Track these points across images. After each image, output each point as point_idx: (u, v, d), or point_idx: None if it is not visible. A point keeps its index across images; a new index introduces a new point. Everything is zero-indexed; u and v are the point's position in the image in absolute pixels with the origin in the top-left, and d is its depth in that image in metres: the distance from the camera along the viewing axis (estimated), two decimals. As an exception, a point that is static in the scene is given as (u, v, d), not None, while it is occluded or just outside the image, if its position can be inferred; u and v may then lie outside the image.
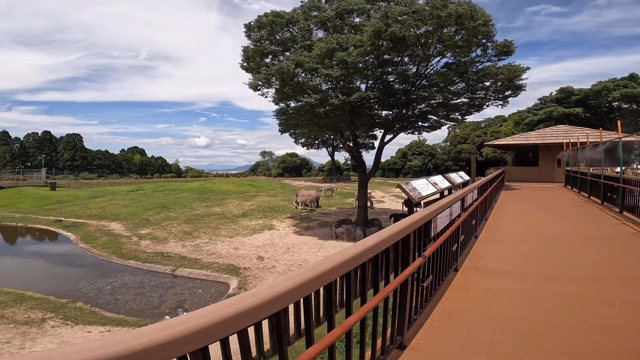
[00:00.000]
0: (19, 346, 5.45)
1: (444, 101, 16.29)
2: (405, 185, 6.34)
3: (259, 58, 13.13)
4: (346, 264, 1.68)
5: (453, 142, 58.18)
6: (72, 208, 25.30)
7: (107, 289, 9.27)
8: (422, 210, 3.14)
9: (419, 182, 6.97)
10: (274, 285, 1.22)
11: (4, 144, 64.33)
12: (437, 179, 8.03)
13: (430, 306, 3.22)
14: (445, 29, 12.59)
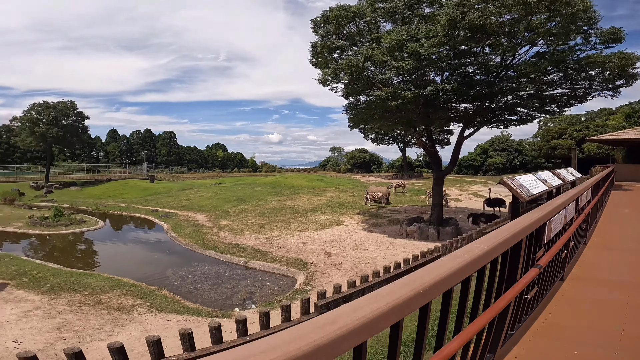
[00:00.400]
0: (108, 332, 6.12)
1: (537, 92, 14.46)
2: (510, 181, 5.63)
3: (327, 53, 13.06)
4: (449, 279, 1.28)
5: (545, 137, 51.71)
6: (166, 199, 28.48)
7: (189, 277, 10.10)
8: (535, 211, 2.66)
9: (525, 177, 6.16)
10: (357, 309, 0.93)
11: (114, 141, 75.28)
12: (545, 175, 7.05)
13: (530, 320, 2.76)
14: (534, 17, 11.08)
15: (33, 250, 13.69)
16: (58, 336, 5.86)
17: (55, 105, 37.18)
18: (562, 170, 7.66)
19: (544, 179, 6.84)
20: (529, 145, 62.16)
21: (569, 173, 7.82)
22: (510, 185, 5.57)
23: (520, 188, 5.69)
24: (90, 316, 6.80)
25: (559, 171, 7.51)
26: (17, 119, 36.87)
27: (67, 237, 16.30)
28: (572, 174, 7.95)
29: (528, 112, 16.20)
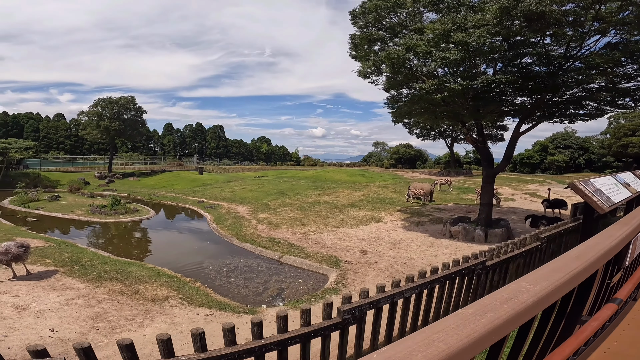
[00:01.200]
0: (139, 324, 6.29)
1: (609, 85, 12.78)
2: (583, 185, 4.58)
3: (367, 45, 12.49)
4: (509, 323, 0.92)
5: (616, 134, 46.27)
6: (212, 190, 29.69)
7: (224, 270, 10.26)
8: (618, 226, 2.10)
9: (603, 180, 4.99)
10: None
11: (169, 134, 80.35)
12: (626, 177, 5.77)
13: (589, 349, 2.21)
14: (603, 6, 9.63)
15: (88, 238, 14.84)
16: (92, 326, 6.13)
17: (117, 100, 40.28)
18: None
19: (625, 182, 5.47)
20: (596, 142, 56.15)
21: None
22: (583, 190, 4.46)
23: (597, 195, 4.50)
24: (126, 306, 7.07)
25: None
26: (83, 114, 40.45)
27: (121, 225, 17.53)
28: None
29: (598, 106, 14.39)
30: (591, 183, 4.89)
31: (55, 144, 65.15)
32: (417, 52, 10.83)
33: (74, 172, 42.36)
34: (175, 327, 6.31)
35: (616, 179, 5.44)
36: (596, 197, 4.53)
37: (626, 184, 5.41)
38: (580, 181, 4.83)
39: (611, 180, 5.35)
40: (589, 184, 4.87)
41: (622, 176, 5.77)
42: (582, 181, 4.87)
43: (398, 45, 11.35)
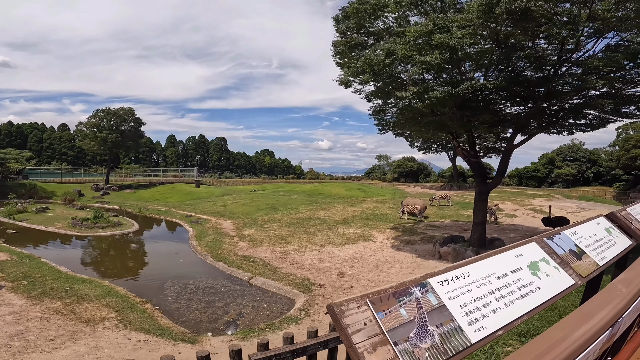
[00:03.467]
0: (56, 345, 5.65)
1: (612, 91, 11.88)
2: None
3: (348, 51, 11.82)
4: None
5: (625, 146, 44.85)
6: (204, 204, 29.00)
7: (186, 292, 9.43)
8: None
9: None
10: None
11: (171, 146, 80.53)
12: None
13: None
14: (597, 4, 8.87)
15: (56, 251, 14.13)
16: (6, 344, 5.50)
17: (116, 111, 40.27)
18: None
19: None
20: (605, 154, 54.61)
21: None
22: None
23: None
24: (54, 326, 6.40)
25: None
26: (82, 124, 40.45)
27: (98, 239, 16.81)
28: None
29: (599, 115, 13.45)
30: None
31: (58, 154, 65.61)
32: (398, 57, 10.09)
33: (73, 183, 42.20)
34: (96, 352, 5.51)
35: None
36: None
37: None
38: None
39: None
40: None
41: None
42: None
43: (378, 50, 10.64)
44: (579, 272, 2.27)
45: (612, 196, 43.98)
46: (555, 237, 2.51)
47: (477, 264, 1.72)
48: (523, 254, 2.37)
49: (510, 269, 2.44)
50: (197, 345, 6.09)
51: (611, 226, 3.82)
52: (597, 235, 3.16)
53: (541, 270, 2.33)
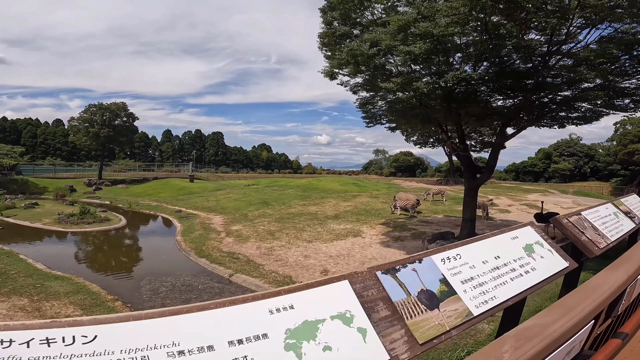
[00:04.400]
0: None
1: (605, 83, 11.54)
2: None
3: (333, 42, 11.45)
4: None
5: (622, 141, 44.55)
6: (195, 199, 28.67)
7: (162, 290, 9.16)
8: (612, 270, 1.91)
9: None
10: None
11: (167, 141, 79.99)
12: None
13: None
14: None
15: (37, 248, 13.85)
16: None
17: (108, 106, 39.79)
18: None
19: (628, 210, 4.39)
20: (602, 150, 54.32)
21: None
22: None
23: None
24: None
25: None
26: (74, 120, 39.97)
27: (82, 235, 16.52)
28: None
29: (592, 107, 13.13)
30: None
31: (52, 150, 65.11)
32: (383, 48, 9.73)
33: (67, 178, 41.77)
34: None
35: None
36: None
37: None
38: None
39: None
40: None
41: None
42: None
43: (363, 41, 10.27)
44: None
45: (609, 191, 43.81)
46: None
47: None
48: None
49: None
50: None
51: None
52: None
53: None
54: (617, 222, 3.98)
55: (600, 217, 3.93)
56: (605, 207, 4.18)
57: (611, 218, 3.97)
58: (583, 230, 3.57)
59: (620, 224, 3.96)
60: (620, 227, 3.91)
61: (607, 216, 3.94)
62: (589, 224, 3.72)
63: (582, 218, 3.73)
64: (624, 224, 4.02)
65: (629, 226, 4.06)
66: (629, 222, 4.14)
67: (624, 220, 4.13)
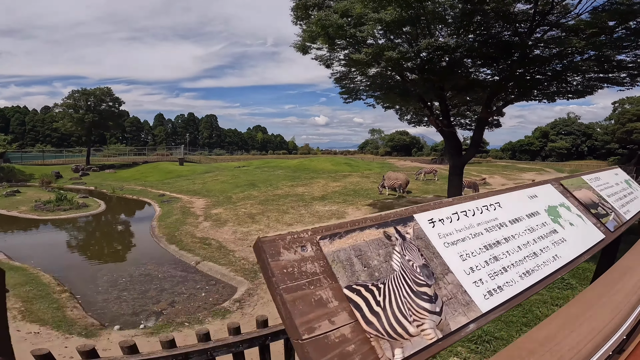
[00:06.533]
0: None
1: (599, 55, 10.76)
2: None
3: (304, 15, 10.54)
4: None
5: (620, 119, 43.64)
6: (182, 183, 28.08)
7: (122, 282, 8.68)
8: None
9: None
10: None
11: (160, 125, 78.70)
12: None
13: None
14: None
15: (5, 237, 13.34)
16: None
17: (93, 91, 38.62)
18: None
19: None
20: (600, 128, 53.45)
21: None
22: None
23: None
24: None
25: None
26: (58, 106, 38.89)
27: (56, 222, 16.00)
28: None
29: (584, 81, 12.36)
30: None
31: (41, 137, 63.97)
32: (354, 16, 8.88)
33: (55, 165, 41.01)
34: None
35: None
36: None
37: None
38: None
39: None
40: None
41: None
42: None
43: (334, 11, 9.39)
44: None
45: (605, 168, 43.26)
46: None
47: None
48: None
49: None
50: (92, 339, 5.38)
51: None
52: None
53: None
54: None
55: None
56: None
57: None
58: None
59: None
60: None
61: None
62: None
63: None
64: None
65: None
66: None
67: None
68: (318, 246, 0.77)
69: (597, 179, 2.22)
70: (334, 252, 0.78)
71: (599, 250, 1.51)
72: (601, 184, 2.19)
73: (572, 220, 1.54)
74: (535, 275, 1.12)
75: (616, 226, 1.75)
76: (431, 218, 1.07)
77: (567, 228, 1.46)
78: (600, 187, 2.14)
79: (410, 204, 19.04)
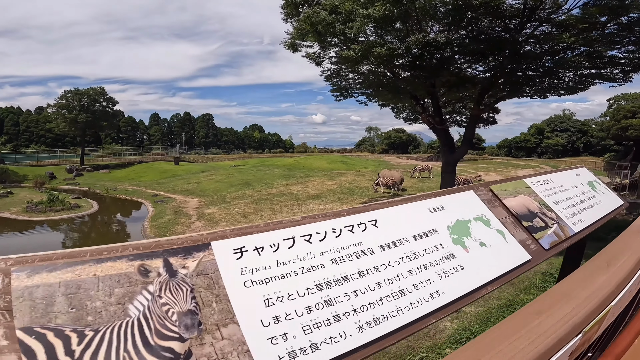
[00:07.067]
0: None
1: (590, 51, 10.74)
2: None
3: (294, 12, 10.44)
4: None
5: (615, 116, 43.75)
6: (177, 182, 27.92)
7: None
8: None
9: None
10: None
11: (156, 124, 78.29)
12: None
13: None
14: None
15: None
16: None
17: (86, 91, 38.35)
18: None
19: None
20: (595, 125, 53.65)
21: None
22: None
23: None
24: None
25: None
26: (50, 106, 38.60)
27: (48, 223, 15.87)
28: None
29: (576, 77, 12.33)
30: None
31: (36, 137, 63.48)
32: (343, 13, 8.79)
33: (49, 165, 40.70)
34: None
35: None
36: None
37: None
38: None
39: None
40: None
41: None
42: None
43: (323, 8, 9.29)
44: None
45: (602, 167, 43.39)
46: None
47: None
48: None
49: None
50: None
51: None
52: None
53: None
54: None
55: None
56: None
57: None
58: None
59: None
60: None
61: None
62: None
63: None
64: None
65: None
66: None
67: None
68: (9, 279, 0.61)
69: (546, 182, 2.00)
70: (29, 287, 0.62)
71: (521, 273, 1.25)
72: (549, 188, 1.93)
73: (487, 238, 1.27)
74: (387, 325, 0.85)
75: (554, 242, 1.49)
76: (241, 246, 0.83)
77: (474, 250, 1.18)
78: (547, 191, 1.89)
79: (405, 201, 19.01)
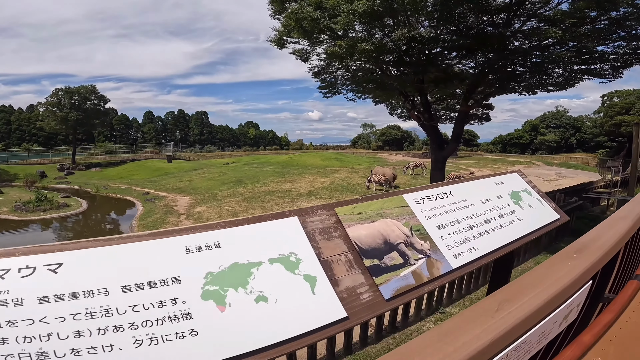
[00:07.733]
0: None
1: (579, 46, 10.69)
2: None
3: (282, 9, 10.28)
4: None
5: (609, 112, 43.97)
6: (168, 180, 27.70)
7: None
8: None
9: None
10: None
11: (149, 122, 77.74)
12: None
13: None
14: None
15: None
16: None
17: (77, 89, 37.92)
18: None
19: None
20: (589, 121, 53.93)
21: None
22: None
23: None
24: None
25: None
26: (41, 104, 38.13)
27: (35, 223, 15.67)
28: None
29: (565, 73, 12.29)
30: None
31: (28, 136, 62.78)
32: (328, 8, 8.65)
33: (41, 164, 40.25)
34: None
35: None
36: None
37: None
38: None
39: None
40: None
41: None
42: None
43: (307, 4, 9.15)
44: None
45: (595, 163, 43.61)
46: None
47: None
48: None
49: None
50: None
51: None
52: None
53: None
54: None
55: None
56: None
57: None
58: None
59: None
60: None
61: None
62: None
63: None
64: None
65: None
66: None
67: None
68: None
69: (440, 197, 1.62)
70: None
71: (335, 333, 1.02)
72: (438, 207, 1.55)
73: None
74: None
75: (404, 288, 1.11)
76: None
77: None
78: (432, 211, 1.50)
79: (397, 198, 19.00)
